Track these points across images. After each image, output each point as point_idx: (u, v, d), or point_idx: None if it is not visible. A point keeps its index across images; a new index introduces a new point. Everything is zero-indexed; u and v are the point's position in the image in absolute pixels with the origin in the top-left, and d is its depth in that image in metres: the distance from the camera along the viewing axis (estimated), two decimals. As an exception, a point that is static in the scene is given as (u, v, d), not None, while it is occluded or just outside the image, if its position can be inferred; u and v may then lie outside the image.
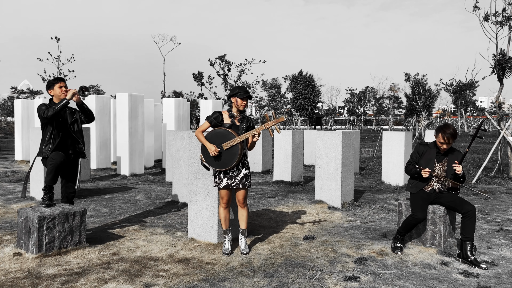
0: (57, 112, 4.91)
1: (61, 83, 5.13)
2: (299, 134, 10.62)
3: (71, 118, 5.19)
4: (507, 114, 43.02)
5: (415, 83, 50.71)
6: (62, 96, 5.06)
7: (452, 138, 4.78)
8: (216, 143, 4.63)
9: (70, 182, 5.33)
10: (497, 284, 3.98)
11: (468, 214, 4.57)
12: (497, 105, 12.05)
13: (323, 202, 7.59)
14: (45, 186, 5.00)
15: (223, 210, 4.85)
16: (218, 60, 38.23)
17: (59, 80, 5.16)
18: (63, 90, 5.08)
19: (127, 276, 4.09)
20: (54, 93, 5.10)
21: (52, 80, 5.19)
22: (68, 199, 5.31)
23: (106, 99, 13.58)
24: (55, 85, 5.09)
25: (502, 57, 11.07)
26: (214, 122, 4.75)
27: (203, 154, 4.72)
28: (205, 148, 4.67)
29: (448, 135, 4.77)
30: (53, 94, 5.12)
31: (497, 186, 10.09)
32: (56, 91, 5.09)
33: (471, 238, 4.55)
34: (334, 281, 3.99)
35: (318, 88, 57.85)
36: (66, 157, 5.10)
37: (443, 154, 4.91)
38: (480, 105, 75.89)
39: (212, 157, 4.66)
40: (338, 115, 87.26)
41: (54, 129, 5.01)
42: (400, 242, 4.91)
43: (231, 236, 5.05)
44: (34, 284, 3.88)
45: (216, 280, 4.00)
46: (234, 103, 4.76)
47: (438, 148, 4.90)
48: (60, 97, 5.07)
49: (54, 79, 5.18)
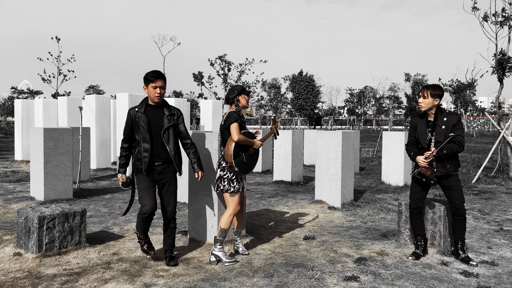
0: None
1: (158, 82, 4.27)
2: (299, 134, 10.61)
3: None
4: (507, 114, 43.04)
5: (415, 83, 50.70)
6: (155, 100, 4.31)
7: (427, 90, 4.43)
8: (244, 148, 4.50)
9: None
10: (497, 284, 3.98)
11: (457, 214, 4.57)
12: (497, 105, 12.05)
13: (323, 202, 7.59)
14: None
15: (233, 216, 4.60)
16: (218, 60, 38.24)
17: (153, 77, 4.28)
18: (157, 93, 4.28)
19: (127, 276, 4.09)
20: (147, 92, 4.35)
21: (145, 76, 4.31)
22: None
23: (106, 99, 13.58)
24: (149, 84, 4.28)
25: (502, 56, 11.07)
26: (240, 122, 4.52)
27: (235, 159, 4.42)
28: (238, 152, 4.43)
29: (423, 88, 4.49)
30: (147, 92, 4.36)
31: (497, 186, 10.09)
32: (150, 92, 4.31)
33: (462, 237, 4.60)
34: (334, 281, 3.99)
35: (318, 88, 57.85)
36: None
37: (436, 121, 4.46)
38: (480, 105, 75.86)
39: (243, 161, 4.47)
40: (338, 115, 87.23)
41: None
42: (417, 247, 4.70)
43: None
44: (34, 284, 3.88)
45: (216, 280, 4.00)
46: (242, 101, 4.60)
47: (428, 116, 4.56)
48: (153, 100, 4.32)
49: (148, 75, 4.29)
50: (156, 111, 4.36)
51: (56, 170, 7.76)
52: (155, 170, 4.32)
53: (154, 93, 4.26)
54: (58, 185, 7.80)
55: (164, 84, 4.33)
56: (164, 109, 4.38)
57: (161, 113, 4.36)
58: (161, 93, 4.30)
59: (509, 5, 11.11)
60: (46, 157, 7.62)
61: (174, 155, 4.34)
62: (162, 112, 4.37)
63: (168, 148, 4.31)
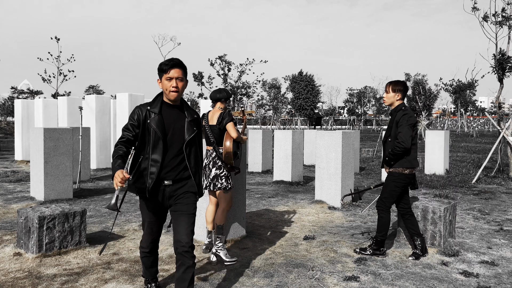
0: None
1: (172, 71, 3.17)
2: (299, 134, 10.61)
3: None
4: (507, 114, 43.04)
5: (415, 83, 50.68)
6: (171, 97, 3.21)
7: (389, 85, 4.66)
8: (236, 145, 4.60)
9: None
10: (497, 284, 3.98)
11: (408, 212, 4.76)
12: (497, 105, 12.05)
13: (323, 202, 7.59)
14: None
15: (227, 212, 4.71)
16: (218, 60, 38.26)
17: (167, 66, 3.19)
18: (172, 86, 3.18)
19: (127, 276, 4.09)
20: (162, 87, 3.27)
21: (159, 66, 3.24)
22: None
23: (106, 99, 13.58)
24: (163, 76, 3.21)
25: (502, 56, 11.07)
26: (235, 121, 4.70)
27: (234, 157, 4.53)
28: (237, 151, 4.56)
29: (387, 84, 4.70)
30: (161, 87, 3.28)
31: (497, 186, 10.09)
32: (164, 85, 3.22)
33: (418, 233, 4.73)
34: (334, 281, 3.99)
35: (318, 88, 57.87)
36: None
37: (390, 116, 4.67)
38: (480, 105, 75.90)
39: (238, 158, 4.60)
40: (338, 115, 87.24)
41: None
42: (415, 247, 4.78)
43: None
44: (34, 284, 3.88)
45: (216, 280, 4.00)
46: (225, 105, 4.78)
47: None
48: (169, 96, 3.22)
49: (164, 63, 3.22)
50: (175, 113, 3.27)
51: (56, 170, 7.76)
52: (163, 192, 3.24)
53: (169, 86, 3.17)
54: (58, 185, 7.80)
55: (183, 75, 3.23)
56: (186, 112, 3.30)
57: (181, 117, 3.27)
58: (179, 87, 3.19)
59: (508, 5, 11.11)
60: (46, 157, 7.62)
61: (195, 172, 3.30)
62: (182, 115, 3.28)
63: (189, 165, 3.24)
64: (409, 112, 4.51)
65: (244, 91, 40.68)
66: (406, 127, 4.42)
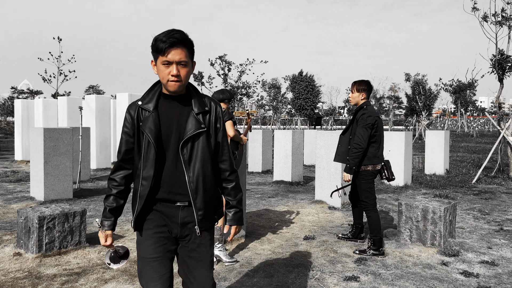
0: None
1: (172, 53, 2.10)
2: (299, 134, 10.61)
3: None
4: (507, 114, 43.02)
5: (415, 83, 50.68)
6: (170, 88, 2.16)
7: (354, 85, 4.81)
8: (234, 145, 4.64)
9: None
10: (497, 284, 3.98)
11: (362, 205, 4.94)
12: (497, 105, 12.05)
13: (323, 202, 7.59)
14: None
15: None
16: (218, 60, 38.23)
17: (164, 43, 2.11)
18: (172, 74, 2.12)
19: (127, 276, 4.09)
20: (157, 72, 2.19)
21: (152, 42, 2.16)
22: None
23: (106, 99, 13.58)
24: (158, 59, 2.14)
25: (502, 56, 11.07)
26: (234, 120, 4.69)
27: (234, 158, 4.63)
28: (234, 151, 4.61)
29: (352, 83, 4.85)
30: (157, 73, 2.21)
31: (497, 186, 10.09)
32: (161, 72, 2.16)
33: (361, 223, 5.23)
34: (334, 281, 3.99)
35: (318, 88, 57.87)
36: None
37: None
38: (480, 105, 75.87)
39: (236, 158, 4.62)
40: (338, 115, 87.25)
41: None
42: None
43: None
44: (34, 284, 3.88)
45: (216, 280, 4.00)
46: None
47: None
48: (167, 87, 2.18)
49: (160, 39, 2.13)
50: (176, 107, 2.24)
51: (56, 170, 7.76)
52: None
53: (167, 74, 2.14)
54: (58, 185, 7.80)
55: (188, 57, 2.17)
56: (193, 102, 2.25)
57: (185, 110, 2.24)
58: (181, 75, 2.15)
59: (508, 5, 11.11)
60: (46, 157, 7.62)
61: (197, 190, 2.21)
62: (187, 108, 2.24)
63: (187, 176, 2.19)
64: (368, 111, 4.65)
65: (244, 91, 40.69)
66: (362, 128, 4.60)
